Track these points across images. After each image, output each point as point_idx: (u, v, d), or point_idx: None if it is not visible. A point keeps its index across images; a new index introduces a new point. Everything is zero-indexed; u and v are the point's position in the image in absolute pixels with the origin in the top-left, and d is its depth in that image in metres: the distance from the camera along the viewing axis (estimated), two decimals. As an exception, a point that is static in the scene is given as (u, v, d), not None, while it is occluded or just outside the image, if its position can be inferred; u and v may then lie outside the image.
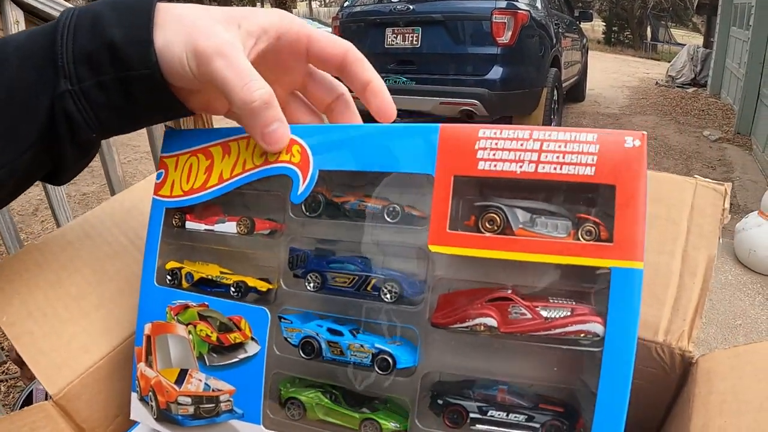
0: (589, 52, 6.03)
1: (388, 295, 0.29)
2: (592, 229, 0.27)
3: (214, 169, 0.33)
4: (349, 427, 0.30)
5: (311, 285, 0.31)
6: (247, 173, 0.32)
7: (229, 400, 0.32)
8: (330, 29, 4.04)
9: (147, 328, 0.34)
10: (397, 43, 3.42)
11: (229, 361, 0.32)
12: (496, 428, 0.28)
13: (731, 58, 4.94)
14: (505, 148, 0.28)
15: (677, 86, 6.40)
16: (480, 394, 0.29)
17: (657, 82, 6.83)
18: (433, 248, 0.29)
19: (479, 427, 0.28)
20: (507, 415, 0.28)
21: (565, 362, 0.28)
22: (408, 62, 3.43)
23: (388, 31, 3.44)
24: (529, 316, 0.28)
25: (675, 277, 0.34)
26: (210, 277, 0.33)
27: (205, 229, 0.33)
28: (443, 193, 0.29)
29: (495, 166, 0.28)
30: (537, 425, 0.28)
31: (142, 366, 0.34)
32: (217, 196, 0.33)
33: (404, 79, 3.41)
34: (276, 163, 0.31)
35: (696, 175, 0.37)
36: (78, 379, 0.35)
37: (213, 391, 0.32)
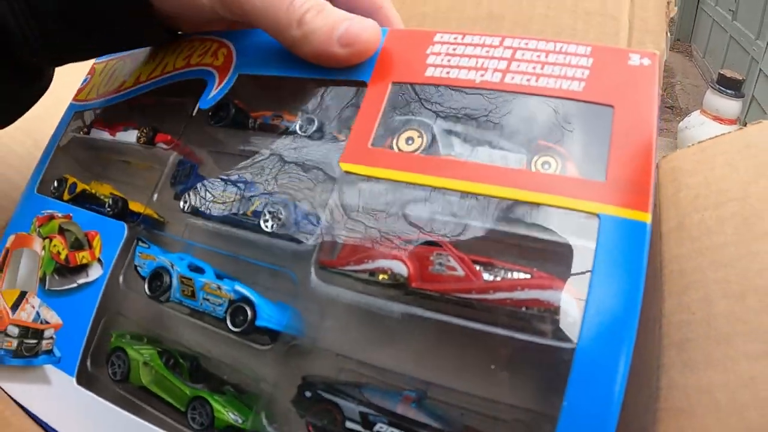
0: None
1: (270, 224, 0.19)
2: (553, 161, 0.17)
3: (133, 72, 0.26)
4: (173, 405, 0.19)
5: (186, 205, 0.21)
6: (165, 76, 0.24)
7: (51, 338, 0.21)
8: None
9: (9, 240, 0.25)
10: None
11: (68, 287, 0.22)
12: None
13: None
14: (466, 54, 0.19)
15: (614, -5, 6.31)
16: (370, 398, 0.17)
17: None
18: (345, 167, 0.19)
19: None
20: (404, 437, 0.16)
21: (510, 363, 0.15)
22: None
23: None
24: (460, 272, 0.16)
25: None
26: (94, 192, 0.24)
27: (108, 139, 0.26)
28: (374, 102, 0.19)
29: (449, 73, 0.19)
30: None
31: None
32: (127, 98, 0.25)
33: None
34: (197, 66, 0.24)
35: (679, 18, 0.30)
36: None
37: (41, 322, 0.22)
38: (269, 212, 0.19)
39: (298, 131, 0.20)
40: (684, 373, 0.17)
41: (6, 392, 0.22)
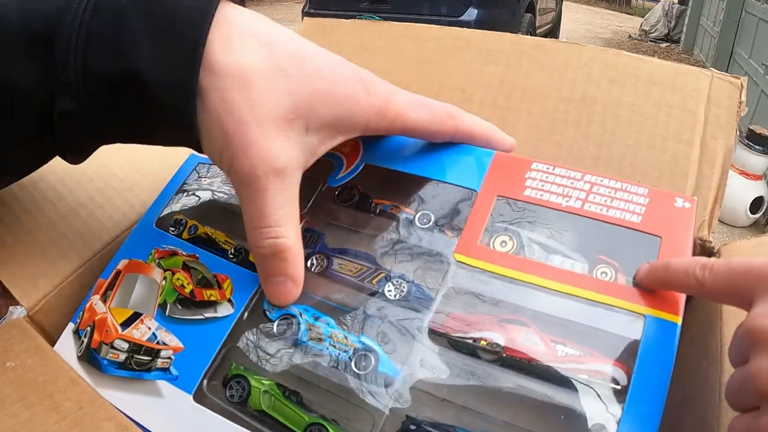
0: (563, 2, 6.39)
1: (393, 293, 0.29)
2: (608, 271, 0.28)
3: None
4: (291, 428, 0.27)
5: (314, 266, 0.31)
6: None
7: (169, 358, 0.29)
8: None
9: (121, 264, 0.33)
10: (370, -20, 3.48)
11: (192, 317, 0.30)
12: None
13: (706, 15, 5.19)
14: (555, 182, 0.31)
15: (650, 41, 6.67)
16: (461, 437, 0.26)
17: (630, 36, 7.10)
18: (458, 257, 0.29)
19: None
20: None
21: (573, 416, 0.25)
22: (381, 1, 3.52)
23: (362, -32, 3.46)
24: (542, 347, 0.27)
25: (694, 167, 0.36)
26: (214, 237, 0.34)
27: (230, 193, 0.36)
28: (483, 208, 0.31)
29: (542, 195, 0.31)
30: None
31: (95, 299, 0.32)
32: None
33: (377, 18, 3.30)
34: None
35: (711, 68, 0.39)
36: (56, 290, 0.33)
37: (157, 343, 0.30)
38: (393, 284, 0.29)
39: (416, 222, 0.31)
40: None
41: (106, 399, 0.30)
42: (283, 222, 0.28)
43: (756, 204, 2.27)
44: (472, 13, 3.53)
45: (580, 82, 0.41)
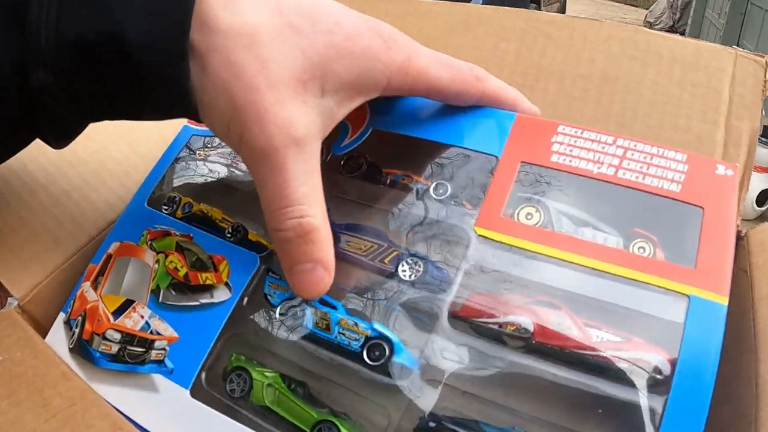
0: (568, -7, 6.34)
1: (408, 273, 0.26)
2: (645, 246, 0.25)
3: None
4: (298, 425, 0.25)
5: None
6: (293, 118, 0.32)
7: (163, 349, 0.27)
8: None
9: (112, 247, 0.31)
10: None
11: (187, 303, 0.28)
12: None
13: (711, 7, 5.10)
14: (585, 147, 0.28)
15: (655, 33, 6.79)
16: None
17: (634, 27, 7.33)
18: (479, 231, 0.26)
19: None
20: (516, 470, 0.23)
21: (611, 409, 0.23)
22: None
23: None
24: (575, 332, 0.24)
25: (720, 148, 0.34)
26: (210, 215, 0.31)
27: (227, 164, 0.33)
28: (506, 176, 0.27)
29: (570, 161, 0.27)
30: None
31: (86, 286, 0.30)
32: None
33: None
34: (328, 114, 0.32)
35: (734, 46, 0.37)
36: (48, 278, 0.32)
37: (150, 332, 0.28)
38: (407, 263, 0.26)
39: (432, 193, 0.28)
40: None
41: (99, 395, 0.28)
42: (306, 199, 0.24)
43: (763, 196, 2.25)
44: (477, 2, 3.50)
45: (599, 60, 0.39)
